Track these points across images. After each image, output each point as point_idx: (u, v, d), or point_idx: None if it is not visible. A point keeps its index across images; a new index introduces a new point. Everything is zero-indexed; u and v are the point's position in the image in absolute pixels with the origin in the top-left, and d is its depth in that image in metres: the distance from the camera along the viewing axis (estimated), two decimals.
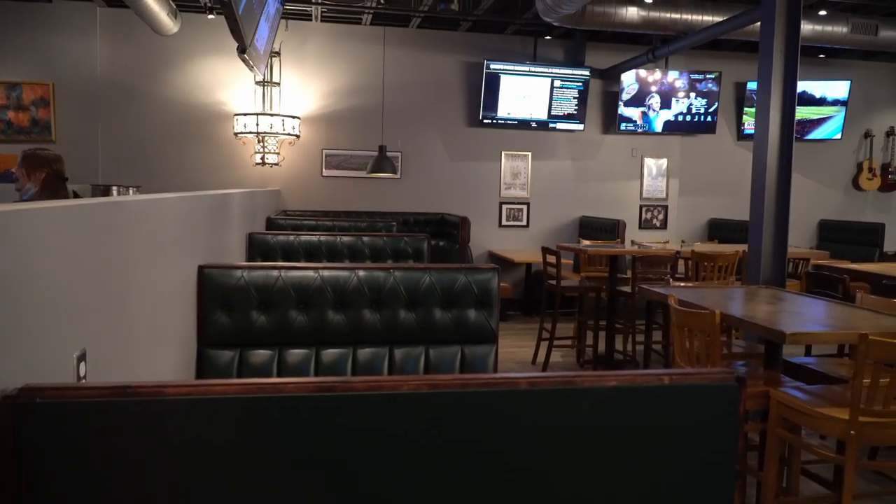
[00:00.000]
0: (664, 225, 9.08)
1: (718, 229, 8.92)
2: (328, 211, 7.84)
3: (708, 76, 8.59)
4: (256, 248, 3.50)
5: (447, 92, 8.41)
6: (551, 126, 8.49)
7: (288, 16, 7.62)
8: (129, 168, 7.52)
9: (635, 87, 8.48)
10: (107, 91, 7.53)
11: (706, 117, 8.67)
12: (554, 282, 5.81)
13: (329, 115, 8.12)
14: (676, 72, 8.53)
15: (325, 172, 8.18)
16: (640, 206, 9.02)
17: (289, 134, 7.63)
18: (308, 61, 8.03)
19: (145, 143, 7.67)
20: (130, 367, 1.64)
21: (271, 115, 7.57)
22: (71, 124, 7.42)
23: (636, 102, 8.52)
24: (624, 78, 8.43)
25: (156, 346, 1.92)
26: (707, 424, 1.18)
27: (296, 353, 2.21)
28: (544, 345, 5.92)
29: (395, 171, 7.89)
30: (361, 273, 2.26)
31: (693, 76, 8.58)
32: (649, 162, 8.99)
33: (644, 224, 9.02)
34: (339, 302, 2.23)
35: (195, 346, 2.13)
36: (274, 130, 7.48)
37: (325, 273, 2.24)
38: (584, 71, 8.42)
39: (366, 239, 3.70)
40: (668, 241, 7.51)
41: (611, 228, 7.85)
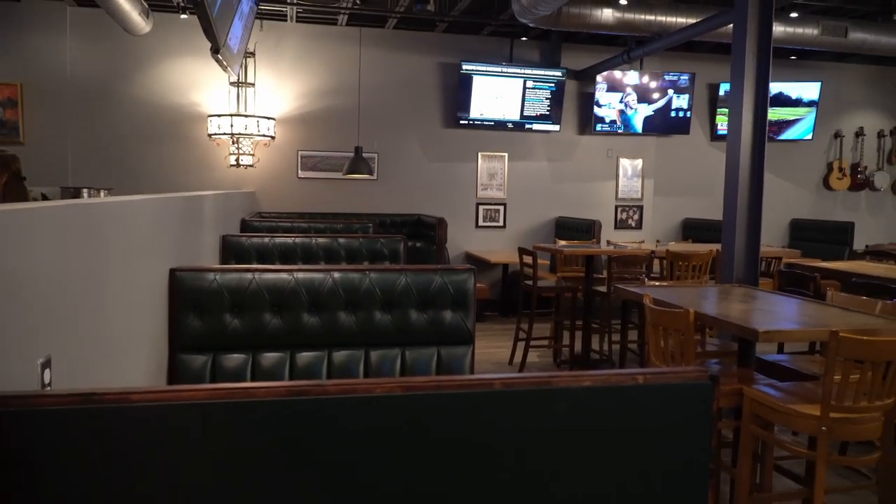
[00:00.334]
0: (639, 225, 9.15)
1: (693, 229, 9.00)
2: (304, 213, 7.79)
3: (682, 77, 8.67)
4: (230, 251, 3.46)
5: (424, 93, 8.40)
6: (527, 127, 8.52)
7: (262, 16, 7.56)
8: (101, 170, 7.40)
9: (611, 88, 8.54)
10: (77, 92, 7.40)
11: (680, 118, 8.76)
12: (530, 282, 5.83)
13: (304, 116, 8.07)
14: (651, 73, 8.60)
15: (300, 174, 8.13)
16: (616, 207, 9.09)
17: (264, 135, 7.57)
18: (283, 62, 7.97)
19: (117, 145, 7.56)
20: (99, 374, 1.60)
21: (246, 116, 7.50)
22: (40, 125, 7.28)
23: (611, 103, 8.57)
24: (599, 79, 8.48)
25: (126, 351, 1.89)
26: (681, 423, 1.18)
27: (270, 357, 2.19)
28: (521, 345, 5.94)
29: (371, 173, 7.86)
30: (337, 275, 2.24)
31: (667, 77, 8.66)
32: (625, 162, 9.05)
33: (619, 224, 9.08)
34: (314, 304, 2.21)
35: (167, 351, 2.10)
36: (249, 132, 7.41)
37: (300, 275, 2.22)
38: (556, 72, 8.45)
39: (341, 240, 3.68)
40: (643, 241, 7.56)
41: (587, 229, 7.89)
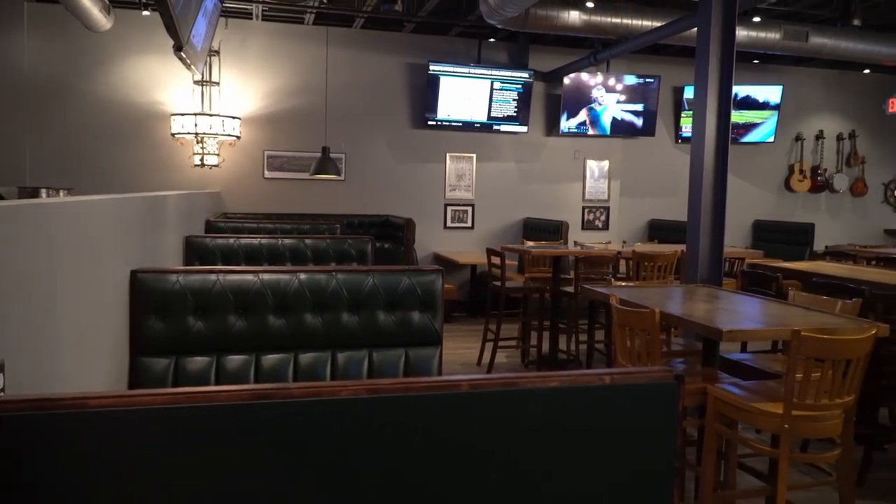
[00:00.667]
0: (606, 226, 9.24)
1: (658, 230, 9.12)
2: (270, 213, 7.71)
3: (647, 80, 8.78)
4: (194, 252, 3.40)
5: (391, 93, 8.37)
6: (495, 128, 8.54)
7: (227, 14, 7.46)
8: (60, 170, 7.23)
9: (578, 89, 8.61)
10: (35, 89, 7.22)
11: (646, 121, 8.87)
12: (498, 283, 5.84)
13: (271, 115, 7.98)
14: (617, 75, 8.69)
15: (266, 174, 8.04)
16: (583, 208, 9.16)
17: (229, 135, 7.47)
18: (248, 60, 7.87)
19: (77, 144, 7.39)
20: (56, 379, 1.56)
21: (210, 115, 7.39)
22: None
23: (578, 105, 8.65)
24: (566, 81, 8.54)
25: (85, 355, 1.84)
26: (648, 422, 1.19)
27: (235, 360, 2.15)
28: (489, 346, 5.94)
29: (338, 173, 7.81)
30: (303, 276, 2.21)
31: (633, 80, 8.76)
32: (591, 164, 9.13)
33: (586, 225, 9.16)
34: (280, 306, 2.17)
35: (128, 354, 2.05)
36: (213, 131, 7.31)
37: (266, 276, 2.18)
38: (524, 73, 8.50)
39: (308, 241, 3.64)
40: (609, 242, 7.64)
41: (554, 229, 7.94)
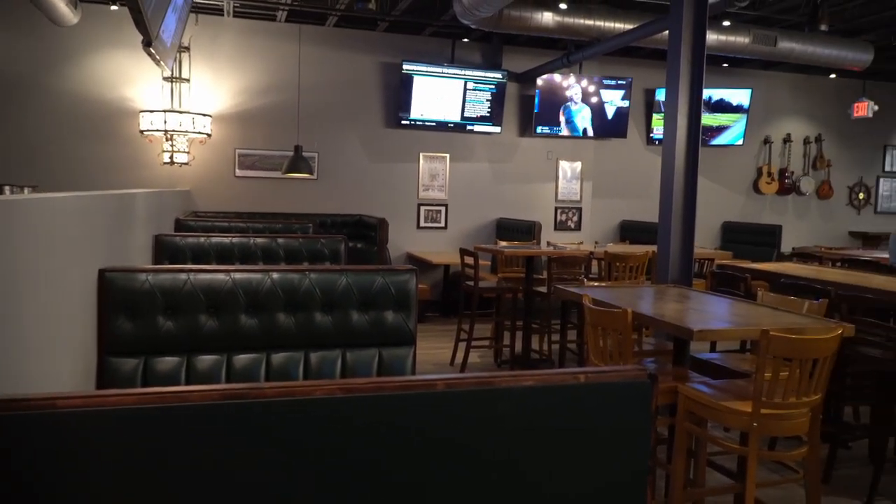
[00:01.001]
0: (578, 226, 9.30)
1: (630, 231, 9.21)
2: (241, 212, 7.63)
3: (620, 82, 8.87)
4: (164, 251, 3.35)
5: (365, 92, 8.34)
6: (468, 128, 8.55)
7: (197, 9, 7.37)
8: (24, 167, 7.08)
9: (551, 90, 8.66)
10: None
11: (618, 122, 8.95)
12: (472, 283, 5.85)
13: (242, 113, 7.90)
14: (590, 77, 8.76)
15: (238, 172, 7.95)
16: (556, 208, 9.21)
17: (199, 132, 7.37)
18: (219, 57, 7.78)
19: (42, 141, 7.24)
20: (21, 380, 1.52)
21: (180, 112, 7.29)
22: None
23: (551, 106, 8.69)
24: (540, 81, 8.59)
25: (51, 355, 1.80)
26: (622, 420, 1.20)
27: (206, 360, 2.12)
28: (462, 346, 5.95)
29: (311, 172, 7.75)
30: (275, 275, 2.19)
31: (606, 82, 8.84)
32: (564, 165, 9.19)
33: (559, 225, 9.21)
34: (252, 305, 2.15)
35: (96, 354, 2.01)
36: (183, 128, 7.21)
37: (237, 275, 2.16)
38: (497, 73, 8.52)
39: (280, 241, 3.61)
40: (582, 242, 7.69)
41: (527, 230, 7.97)
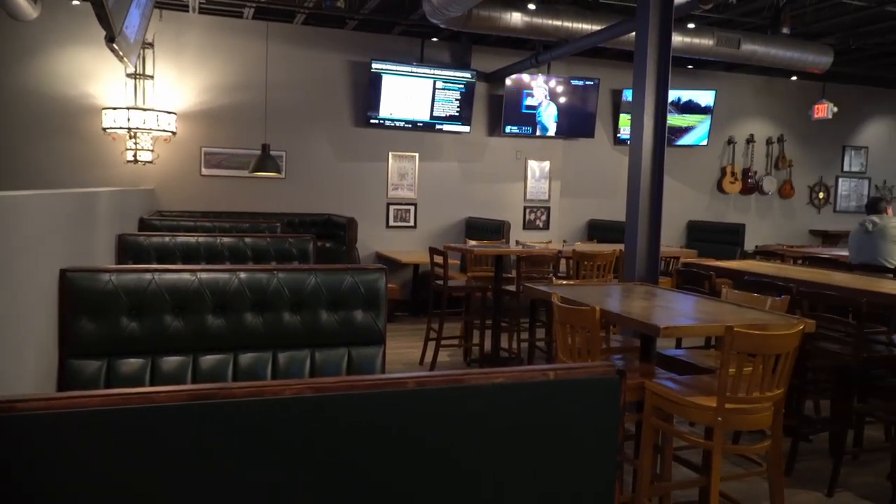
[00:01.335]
0: (547, 225, 9.37)
1: (597, 230, 9.30)
2: (208, 212, 7.53)
3: (587, 82, 8.95)
4: (127, 251, 3.29)
5: (333, 91, 8.29)
6: (437, 127, 8.55)
7: (162, 5, 7.25)
8: None
9: (519, 90, 8.70)
10: None
11: (585, 122, 9.03)
12: (441, 282, 5.85)
13: (208, 111, 7.80)
14: (558, 77, 8.82)
15: (204, 171, 7.85)
16: (525, 208, 9.27)
17: (164, 130, 7.25)
18: (185, 54, 7.67)
19: (1, 138, 7.06)
20: None
21: (144, 109, 7.17)
22: None
23: (520, 106, 8.74)
24: (508, 81, 8.62)
25: (9, 358, 1.76)
26: (590, 416, 1.21)
27: (171, 361, 2.09)
28: (432, 345, 5.95)
29: (279, 171, 7.68)
30: (243, 275, 2.17)
31: (573, 82, 8.91)
32: (533, 164, 9.25)
33: (528, 225, 9.27)
34: (219, 305, 2.12)
35: (56, 356, 1.96)
36: (147, 126, 7.08)
37: (204, 275, 2.13)
38: (466, 73, 8.54)
39: (248, 240, 3.57)
40: (550, 241, 7.75)
41: (496, 229, 8.00)
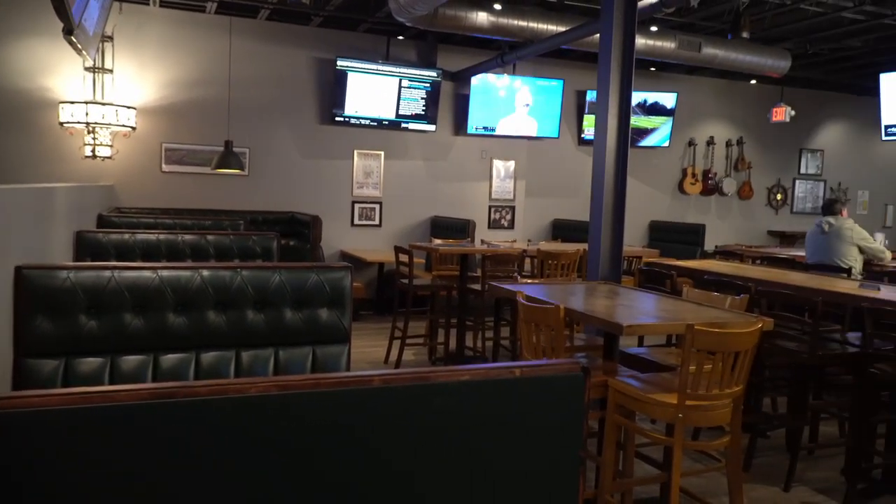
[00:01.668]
0: (512, 225, 9.42)
1: (562, 229, 9.38)
2: (168, 208, 7.40)
3: (552, 83, 9.02)
4: (85, 248, 3.22)
5: (298, 88, 8.22)
6: (403, 126, 8.54)
7: None
8: None
9: (485, 90, 8.73)
10: None
11: (550, 123, 9.10)
12: (406, 281, 5.84)
13: (169, 106, 7.66)
14: (523, 77, 8.88)
15: (164, 167, 7.71)
16: (490, 207, 9.30)
17: (123, 125, 7.10)
18: (145, 48, 7.52)
19: None
20: None
21: (103, 104, 7.01)
22: None
23: (486, 105, 8.77)
24: (474, 81, 8.65)
25: None
26: (555, 413, 1.22)
27: (131, 360, 2.05)
28: (397, 343, 5.94)
29: (242, 168, 7.58)
30: (206, 272, 2.14)
31: (539, 82, 8.98)
32: (498, 164, 9.29)
33: (493, 224, 9.31)
34: (181, 303, 2.09)
35: (11, 355, 1.91)
36: (106, 121, 6.93)
37: (165, 273, 2.09)
38: (432, 72, 8.54)
39: (210, 237, 3.52)
40: (515, 241, 7.79)
41: (461, 228, 8.02)
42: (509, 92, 8.84)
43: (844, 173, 11.55)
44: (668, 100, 9.86)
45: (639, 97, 9.63)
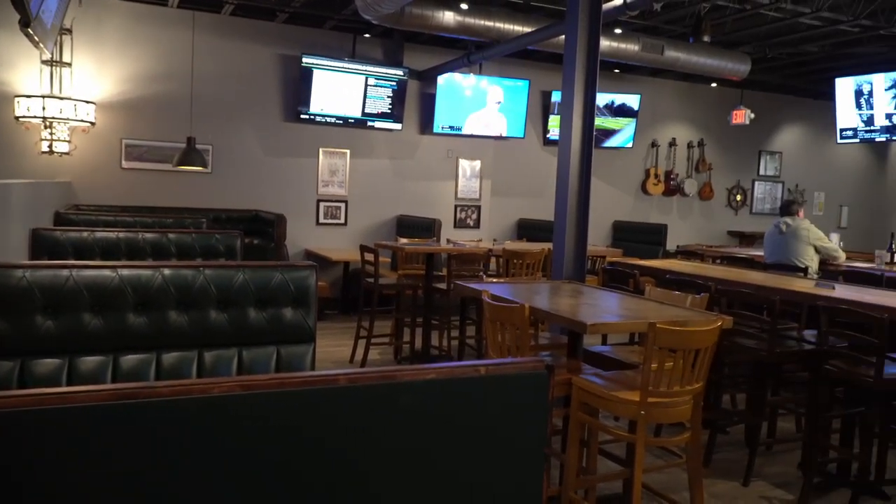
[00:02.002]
0: (477, 224, 9.45)
1: (527, 229, 9.44)
2: (129, 206, 7.25)
3: (518, 83, 9.07)
4: (42, 246, 3.14)
5: (263, 85, 8.12)
6: (369, 124, 8.50)
7: None
8: None
9: (451, 89, 8.74)
10: None
11: (515, 123, 9.15)
12: (372, 280, 5.82)
13: (130, 102, 7.51)
14: (490, 77, 8.91)
15: (125, 164, 7.56)
16: (456, 206, 9.32)
17: (82, 120, 6.94)
18: (105, 42, 7.36)
19: None
20: None
21: (61, 98, 6.84)
22: None
23: (452, 104, 8.78)
24: (441, 80, 8.65)
25: None
26: (520, 411, 1.23)
27: (90, 361, 2.01)
28: (362, 343, 5.92)
29: (205, 165, 7.47)
30: (167, 271, 2.10)
31: (505, 82, 9.02)
32: (464, 163, 9.31)
33: (459, 223, 9.32)
34: (142, 303, 2.06)
35: None
36: (64, 116, 6.76)
37: (125, 272, 2.06)
38: (398, 70, 8.52)
39: (172, 236, 3.46)
40: (481, 240, 7.82)
41: (427, 227, 8.02)
42: (476, 91, 8.87)
43: (801, 175, 11.84)
44: (632, 101, 9.99)
45: (606, 98, 9.75)
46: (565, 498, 3.01)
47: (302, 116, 8.12)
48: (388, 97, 8.48)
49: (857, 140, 8.79)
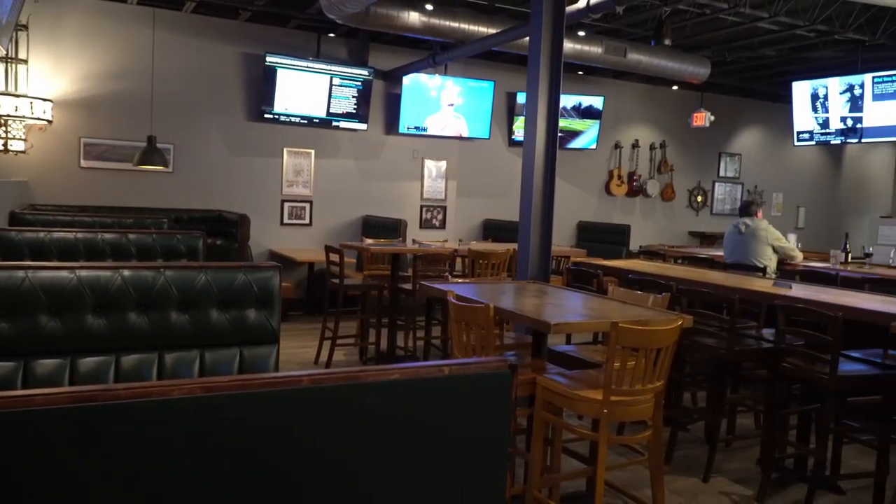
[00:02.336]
0: (443, 225, 9.46)
1: (492, 229, 9.48)
2: (87, 206, 7.10)
3: (483, 84, 9.11)
4: None
5: (225, 83, 8.02)
6: (334, 124, 8.46)
7: None
8: None
9: (417, 90, 8.74)
10: None
11: (481, 123, 9.19)
12: (337, 280, 5.79)
13: (88, 100, 7.36)
14: (455, 78, 8.93)
15: (83, 163, 7.40)
16: (421, 206, 9.32)
17: (38, 118, 6.77)
18: (63, 39, 7.20)
19: None
20: None
21: (16, 95, 6.66)
22: None
23: (417, 105, 8.78)
24: (406, 81, 8.64)
25: None
26: (484, 410, 1.24)
27: (46, 364, 1.97)
28: (327, 344, 5.88)
29: (166, 164, 7.35)
30: (127, 272, 2.07)
31: (470, 83, 9.05)
32: (429, 164, 9.31)
33: (424, 224, 9.33)
34: (100, 304, 2.02)
35: None
36: (20, 113, 6.59)
37: (83, 273, 2.02)
38: (364, 70, 8.49)
39: (132, 236, 3.40)
40: (446, 240, 7.83)
41: (393, 227, 8.01)
42: (440, 92, 8.88)
43: (760, 176, 12.10)
44: (596, 103, 10.11)
45: (573, 100, 9.85)
46: (530, 496, 3.03)
47: (266, 116, 8.04)
48: (354, 97, 8.45)
49: (814, 142, 9.04)
